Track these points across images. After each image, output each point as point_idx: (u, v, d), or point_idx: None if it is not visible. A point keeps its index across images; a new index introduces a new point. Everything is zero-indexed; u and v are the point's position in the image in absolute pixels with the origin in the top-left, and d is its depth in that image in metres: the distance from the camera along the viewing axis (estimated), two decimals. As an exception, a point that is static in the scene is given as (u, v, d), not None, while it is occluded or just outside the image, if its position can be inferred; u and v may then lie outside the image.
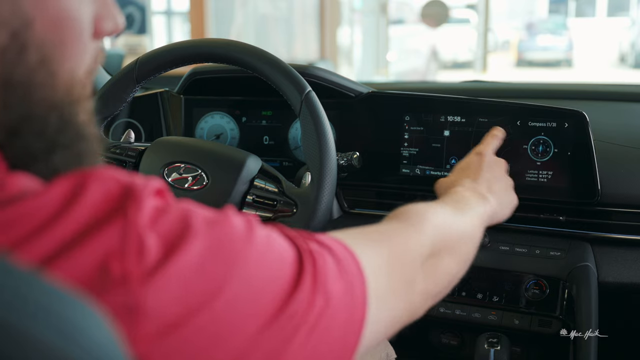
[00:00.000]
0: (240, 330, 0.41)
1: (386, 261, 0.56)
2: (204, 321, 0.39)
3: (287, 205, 0.98)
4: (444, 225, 0.67)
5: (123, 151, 1.08)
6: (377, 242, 0.58)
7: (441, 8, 6.96)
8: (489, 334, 1.08)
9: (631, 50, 12.96)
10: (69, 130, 0.45)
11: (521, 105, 1.12)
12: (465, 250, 0.70)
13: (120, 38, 6.80)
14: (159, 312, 0.37)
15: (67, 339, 0.33)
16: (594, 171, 1.06)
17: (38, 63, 0.42)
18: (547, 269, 1.08)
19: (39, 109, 0.43)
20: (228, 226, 0.43)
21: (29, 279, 0.33)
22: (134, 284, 0.37)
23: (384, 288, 0.54)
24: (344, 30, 9.53)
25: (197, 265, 0.40)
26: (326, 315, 0.46)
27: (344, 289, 0.48)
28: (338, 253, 0.50)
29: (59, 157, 0.44)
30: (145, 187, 0.41)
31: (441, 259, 0.64)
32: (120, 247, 0.37)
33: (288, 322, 0.43)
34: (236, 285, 0.41)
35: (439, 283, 0.64)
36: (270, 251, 0.45)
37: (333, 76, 1.24)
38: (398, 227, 0.63)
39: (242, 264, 0.42)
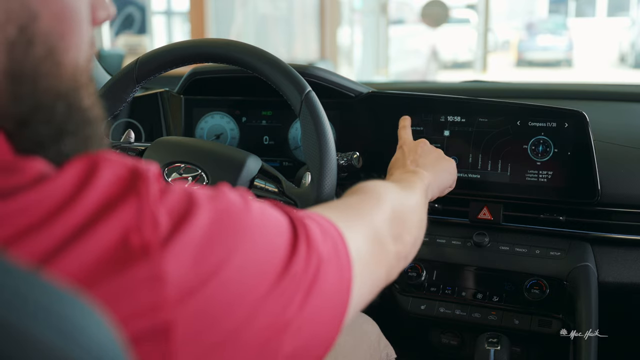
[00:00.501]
0: (250, 291, 0.44)
1: (359, 228, 0.61)
2: (219, 283, 0.42)
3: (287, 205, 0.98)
4: (397, 195, 0.74)
5: (123, 151, 1.08)
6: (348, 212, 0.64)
7: (441, 8, 6.96)
8: (489, 334, 1.08)
9: (631, 50, 12.96)
10: (75, 116, 0.47)
11: (521, 105, 1.12)
12: (419, 216, 0.77)
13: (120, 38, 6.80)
14: (179, 277, 0.40)
15: (67, 338, 0.33)
16: (594, 171, 1.06)
17: (44, 54, 0.44)
18: (547, 269, 1.09)
19: (47, 98, 0.45)
20: (227, 199, 0.47)
21: (29, 278, 0.33)
22: (154, 253, 0.39)
23: (364, 252, 0.59)
24: (344, 30, 9.53)
25: (206, 233, 0.42)
26: (320, 274, 0.50)
27: (331, 250, 0.52)
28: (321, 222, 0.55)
29: (67, 143, 0.46)
30: (149, 170, 0.43)
31: (404, 223, 0.70)
32: (137, 222, 0.39)
33: (290, 283, 0.47)
34: (244, 250, 0.44)
35: (406, 245, 0.70)
36: (267, 219, 0.49)
37: (333, 76, 1.24)
38: (361, 198, 0.69)
39: (246, 230, 0.45)
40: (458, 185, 1.16)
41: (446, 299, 1.14)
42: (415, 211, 0.75)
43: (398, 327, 1.12)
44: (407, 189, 0.79)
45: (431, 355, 1.28)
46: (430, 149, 0.98)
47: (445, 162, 0.97)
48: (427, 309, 1.15)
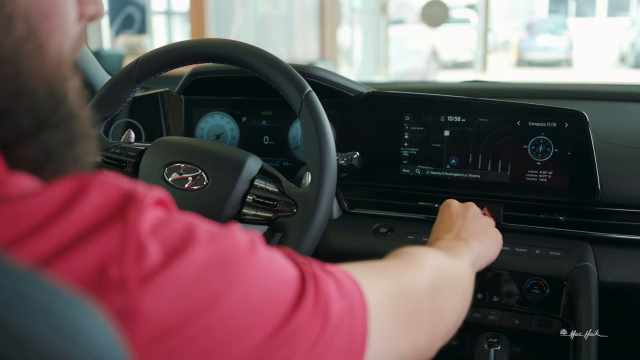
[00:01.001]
0: (235, 344, 0.40)
1: (389, 293, 0.55)
2: (199, 330, 0.39)
3: (287, 205, 0.98)
4: (442, 264, 0.68)
5: (123, 151, 1.08)
6: (380, 274, 0.58)
7: (441, 8, 6.96)
8: (489, 334, 1.08)
9: (631, 50, 12.96)
10: (61, 108, 0.45)
11: (521, 105, 1.12)
12: (464, 290, 0.71)
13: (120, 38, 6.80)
14: (156, 316, 0.37)
15: (67, 338, 0.33)
16: (594, 171, 1.06)
17: (25, 34, 0.42)
18: (547, 269, 1.08)
19: (28, 83, 0.43)
20: (231, 240, 0.43)
21: (29, 278, 0.33)
22: (131, 288, 0.37)
23: (387, 320, 0.53)
24: (344, 30, 9.53)
25: (196, 274, 0.40)
26: (326, 336, 0.45)
27: (345, 310, 0.48)
28: (339, 277, 0.50)
29: (49, 136, 0.44)
30: (146, 195, 0.41)
31: (445, 296, 0.64)
32: (119, 251, 0.37)
33: (288, 340, 0.43)
34: (235, 298, 0.41)
35: (445, 321, 0.64)
36: (272, 269, 0.45)
37: (333, 76, 1.24)
38: (400, 262, 0.63)
39: (243, 277, 0.42)
40: (458, 185, 1.16)
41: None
42: (460, 284, 0.69)
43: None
44: (455, 259, 0.73)
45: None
46: (478, 215, 0.91)
47: (493, 231, 0.92)
48: (427, 309, 1.15)
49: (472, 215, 0.89)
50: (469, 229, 0.85)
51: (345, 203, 1.25)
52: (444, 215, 0.90)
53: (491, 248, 0.88)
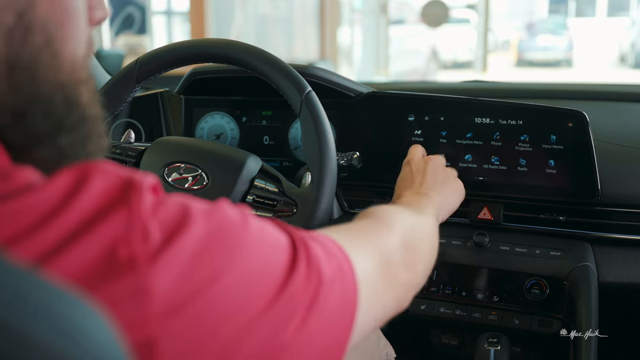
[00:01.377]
0: (243, 310, 0.42)
1: (369, 253, 0.60)
2: (207, 301, 0.40)
3: (287, 205, 0.98)
4: (409, 221, 0.72)
5: (123, 151, 1.08)
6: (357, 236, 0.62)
7: (441, 8, 6.96)
8: (489, 334, 1.08)
9: (631, 50, 12.96)
10: (73, 111, 0.46)
11: (521, 105, 1.12)
12: (431, 242, 0.75)
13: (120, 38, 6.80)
14: (166, 292, 0.39)
15: (67, 338, 0.33)
16: (594, 171, 1.06)
17: (43, 44, 0.44)
18: (547, 269, 1.08)
19: (45, 89, 0.44)
20: (224, 214, 0.45)
21: (29, 278, 0.33)
22: (141, 266, 0.38)
23: (372, 278, 0.57)
24: (344, 30, 9.53)
25: (198, 248, 0.41)
26: (321, 297, 0.48)
27: (335, 271, 0.51)
28: (325, 243, 0.53)
29: (64, 139, 0.46)
30: (143, 181, 0.42)
31: (414, 251, 0.68)
32: (126, 233, 0.39)
33: (287, 304, 0.45)
34: (237, 268, 0.43)
35: (417, 273, 0.68)
36: (265, 237, 0.48)
37: (333, 76, 1.24)
38: (371, 224, 0.67)
39: (241, 247, 0.44)
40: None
41: (446, 298, 1.14)
42: (427, 238, 0.74)
43: (398, 327, 1.12)
44: (419, 214, 0.77)
45: (431, 355, 1.28)
46: (438, 168, 0.96)
47: (454, 182, 0.96)
48: (427, 309, 1.15)
49: (432, 169, 0.94)
50: (429, 182, 0.91)
51: (345, 203, 1.25)
52: (406, 171, 0.96)
53: (452, 198, 0.93)
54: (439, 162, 0.97)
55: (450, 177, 0.97)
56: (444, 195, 0.89)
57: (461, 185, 0.98)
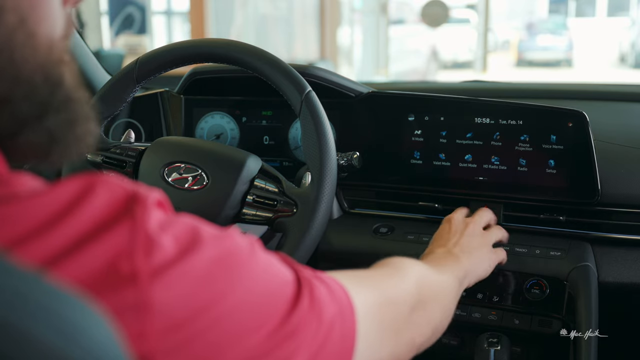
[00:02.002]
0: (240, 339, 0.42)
1: (375, 301, 0.59)
2: (206, 324, 0.40)
3: (287, 205, 0.98)
4: (426, 277, 0.70)
5: (123, 151, 1.08)
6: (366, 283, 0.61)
7: (441, 8, 6.96)
8: (489, 334, 1.08)
9: (631, 50, 12.96)
10: (57, 92, 0.46)
11: (521, 105, 1.11)
12: (446, 303, 0.73)
13: (120, 38, 6.81)
14: (166, 310, 0.39)
15: (67, 339, 0.33)
16: (594, 171, 1.06)
17: (16, 23, 0.43)
18: (547, 269, 1.08)
19: (24, 70, 0.44)
20: (233, 241, 0.46)
21: (30, 278, 0.33)
22: (143, 281, 0.38)
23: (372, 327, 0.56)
24: (344, 30, 9.54)
25: (205, 270, 0.41)
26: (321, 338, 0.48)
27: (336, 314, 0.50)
28: (330, 285, 0.53)
29: (51, 120, 0.45)
30: (149, 196, 0.42)
31: (426, 310, 0.66)
32: (129, 247, 0.38)
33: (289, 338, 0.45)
34: (239, 295, 0.43)
35: (424, 334, 0.66)
36: (271, 269, 0.48)
37: (333, 76, 1.24)
38: (385, 272, 0.66)
39: (245, 276, 0.44)
40: (458, 185, 1.16)
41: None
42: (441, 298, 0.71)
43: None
44: (440, 273, 0.75)
45: (431, 355, 1.27)
46: (477, 233, 0.95)
47: (487, 251, 0.94)
48: (427, 309, 1.15)
49: (470, 232, 0.93)
50: (463, 245, 0.89)
51: (345, 203, 1.25)
52: (443, 229, 0.95)
53: (482, 266, 0.91)
54: (478, 227, 0.96)
55: (486, 244, 0.95)
56: (474, 261, 0.87)
57: (495, 256, 0.96)
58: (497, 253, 0.97)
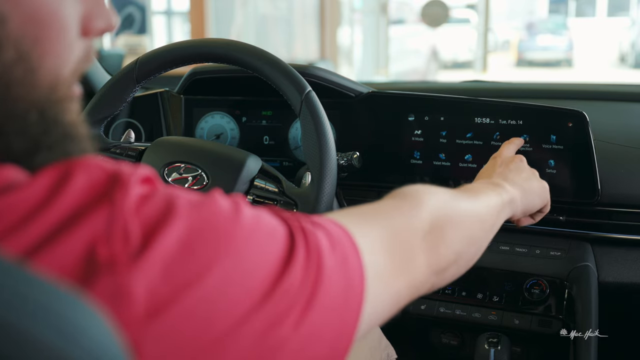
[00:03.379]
0: (232, 309, 0.40)
1: (382, 236, 0.55)
2: (192, 301, 0.39)
3: (287, 205, 0.98)
4: (445, 202, 0.66)
5: (123, 151, 1.08)
6: (371, 218, 0.58)
7: (441, 8, 6.96)
8: (489, 334, 1.08)
9: (631, 50, 12.96)
10: (54, 130, 0.44)
11: (521, 105, 1.11)
12: (473, 229, 0.68)
13: (120, 38, 6.81)
14: (147, 294, 0.37)
15: (67, 338, 0.33)
16: (594, 171, 1.06)
17: (15, 59, 0.41)
18: (547, 269, 1.08)
19: (18, 107, 0.42)
20: (213, 206, 0.43)
21: (29, 278, 0.33)
22: (120, 268, 0.37)
23: (383, 264, 0.53)
24: (344, 30, 9.53)
25: (181, 245, 0.39)
26: (321, 290, 0.45)
27: (338, 263, 0.48)
28: (329, 229, 0.50)
29: (42, 157, 0.43)
30: (131, 174, 0.40)
31: (443, 234, 0.63)
32: (106, 232, 0.37)
33: (282, 298, 0.43)
34: (225, 264, 0.41)
35: (443, 258, 0.63)
36: (259, 229, 0.45)
37: (333, 76, 1.24)
38: (394, 203, 0.63)
39: (230, 241, 0.42)
40: (459, 185, 1.16)
41: (446, 298, 1.14)
42: (464, 225, 0.66)
43: (399, 327, 1.12)
44: (468, 198, 0.70)
45: (431, 355, 1.28)
46: (524, 167, 0.90)
47: (537, 182, 0.89)
48: (427, 309, 1.15)
49: (516, 166, 0.89)
50: (506, 175, 0.85)
51: (345, 203, 1.25)
52: (489, 164, 0.92)
53: (532, 196, 0.86)
54: (524, 163, 0.92)
55: (535, 177, 0.90)
56: (522, 190, 0.83)
57: (546, 188, 0.91)
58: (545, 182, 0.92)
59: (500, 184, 0.80)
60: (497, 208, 0.75)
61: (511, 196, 0.79)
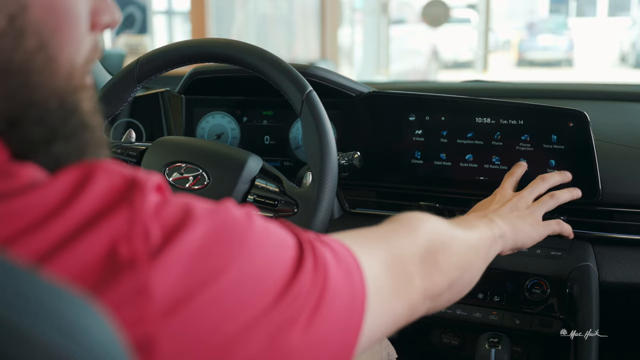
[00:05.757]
0: (244, 310, 0.42)
1: (382, 257, 0.58)
2: (207, 300, 0.40)
3: (288, 205, 0.98)
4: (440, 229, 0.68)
5: (124, 151, 1.08)
6: (372, 240, 0.61)
7: (442, 8, 6.96)
8: (489, 334, 1.08)
9: (632, 50, 12.94)
10: (72, 119, 0.46)
11: (522, 105, 1.11)
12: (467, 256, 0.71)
13: (121, 38, 6.80)
14: (165, 291, 0.39)
15: (68, 338, 0.33)
16: (595, 171, 1.06)
17: (36, 48, 0.43)
18: (548, 269, 1.08)
19: (39, 95, 0.44)
20: (228, 213, 0.45)
21: (30, 277, 0.33)
22: (141, 265, 0.38)
23: (382, 282, 0.56)
24: (345, 30, 9.53)
25: (199, 247, 0.41)
26: (328, 299, 0.47)
27: (343, 276, 0.50)
28: (334, 247, 0.52)
29: (60, 146, 0.45)
30: (147, 181, 0.42)
31: (438, 259, 0.65)
32: (127, 232, 0.39)
33: (291, 304, 0.45)
34: (238, 267, 0.43)
35: (438, 283, 0.65)
36: (270, 236, 0.47)
37: (334, 76, 1.24)
38: (392, 228, 0.65)
39: (244, 246, 0.44)
40: (459, 185, 1.16)
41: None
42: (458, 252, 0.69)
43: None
44: (462, 228, 0.73)
45: (432, 355, 1.28)
46: (521, 206, 0.90)
47: (531, 222, 0.89)
48: (428, 309, 1.15)
49: (513, 203, 0.90)
50: (501, 213, 0.86)
51: (346, 203, 1.25)
52: (486, 199, 0.94)
53: (522, 235, 0.86)
54: (524, 200, 0.92)
55: (530, 216, 0.90)
56: (514, 228, 0.84)
57: (543, 229, 0.90)
58: (549, 224, 0.92)
59: (493, 219, 0.83)
60: (489, 240, 0.78)
61: (502, 231, 0.81)
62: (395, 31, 10.54)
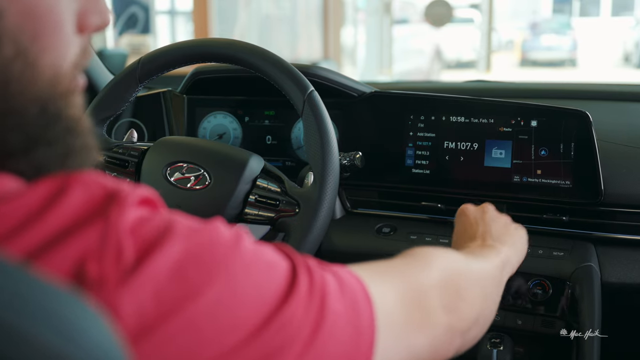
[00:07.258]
0: (224, 336, 0.40)
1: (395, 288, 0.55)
2: (182, 323, 0.38)
3: (290, 205, 0.98)
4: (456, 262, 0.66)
5: (125, 151, 1.08)
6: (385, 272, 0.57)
7: (445, 8, 6.95)
8: (491, 334, 1.08)
9: (635, 50, 12.93)
10: (56, 125, 0.44)
11: (525, 105, 1.11)
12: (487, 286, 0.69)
13: (124, 38, 6.81)
14: (134, 315, 0.37)
15: (67, 339, 0.33)
16: (597, 171, 1.06)
17: (13, 55, 0.41)
18: (550, 269, 1.08)
19: (16, 102, 0.42)
20: (213, 234, 0.43)
21: (29, 279, 0.33)
22: (109, 287, 0.36)
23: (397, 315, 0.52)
24: (348, 30, 9.53)
25: (173, 269, 0.39)
26: (326, 329, 0.44)
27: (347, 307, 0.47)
28: (341, 275, 0.49)
29: (40, 153, 0.43)
30: (130, 194, 0.40)
31: (461, 292, 0.62)
32: (98, 249, 0.37)
33: (278, 333, 0.42)
34: (218, 289, 0.40)
35: (465, 317, 0.62)
36: (258, 260, 0.44)
37: (336, 76, 1.23)
38: (405, 261, 0.62)
39: (226, 268, 0.41)
40: (461, 185, 1.16)
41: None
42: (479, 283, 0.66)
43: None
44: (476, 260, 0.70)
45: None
46: (497, 215, 0.86)
47: (515, 229, 0.86)
48: (429, 309, 1.15)
49: (490, 217, 0.85)
50: (492, 232, 0.82)
51: (347, 203, 1.25)
52: (464, 223, 0.86)
53: (519, 247, 0.84)
54: (492, 210, 0.88)
55: (509, 224, 0.87)
56: (511, 247, 0.80)
57: (523, 232, 0.87)
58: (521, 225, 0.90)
59: (494, 245, 0.78)
60: (499, 267, 0.75)
61: (507, 255, 0.78)
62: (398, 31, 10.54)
